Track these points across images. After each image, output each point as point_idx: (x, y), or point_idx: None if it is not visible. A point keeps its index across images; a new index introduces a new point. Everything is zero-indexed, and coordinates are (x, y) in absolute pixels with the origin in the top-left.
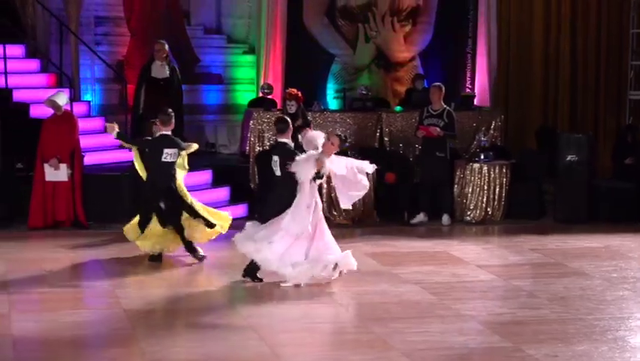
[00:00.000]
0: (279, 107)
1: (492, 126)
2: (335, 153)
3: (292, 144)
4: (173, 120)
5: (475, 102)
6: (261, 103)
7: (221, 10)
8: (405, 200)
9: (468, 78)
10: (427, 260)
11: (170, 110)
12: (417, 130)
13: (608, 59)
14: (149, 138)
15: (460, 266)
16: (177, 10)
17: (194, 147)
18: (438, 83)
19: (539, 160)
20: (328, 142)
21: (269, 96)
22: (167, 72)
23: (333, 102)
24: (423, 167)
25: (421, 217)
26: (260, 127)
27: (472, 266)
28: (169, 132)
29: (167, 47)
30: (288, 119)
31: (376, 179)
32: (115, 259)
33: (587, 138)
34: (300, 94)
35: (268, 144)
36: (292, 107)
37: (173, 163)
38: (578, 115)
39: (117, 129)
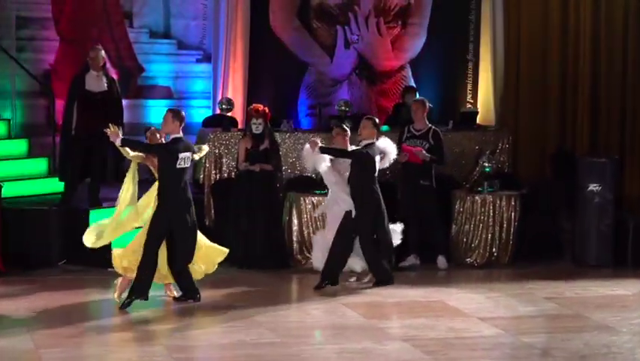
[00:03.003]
0: (240, 126)
1: (498, 149)
2: None
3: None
4: None
5: (478, 120)
6: (219, 122)
7: (169, 9)
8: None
9: (469, 91)
10: (420, 312)
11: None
12: (398, 153)
13: (636, 70)
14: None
15: (458, 319)
16: (116, 10)
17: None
18: (421, 98)
19: (555, 190)
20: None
21: (228, 114)
22: (105, 84)
23: (305, 120)
24: (403, 198)
25: (411, 260)
26: (217, 151)
27: (474, 319)
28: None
29: (103, 53)
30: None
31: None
32: (39, 312)
33: (612, 164)
34: (267, 110)
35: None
36: (259, 127)
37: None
38: (601, 136)
39: (121, 135)
